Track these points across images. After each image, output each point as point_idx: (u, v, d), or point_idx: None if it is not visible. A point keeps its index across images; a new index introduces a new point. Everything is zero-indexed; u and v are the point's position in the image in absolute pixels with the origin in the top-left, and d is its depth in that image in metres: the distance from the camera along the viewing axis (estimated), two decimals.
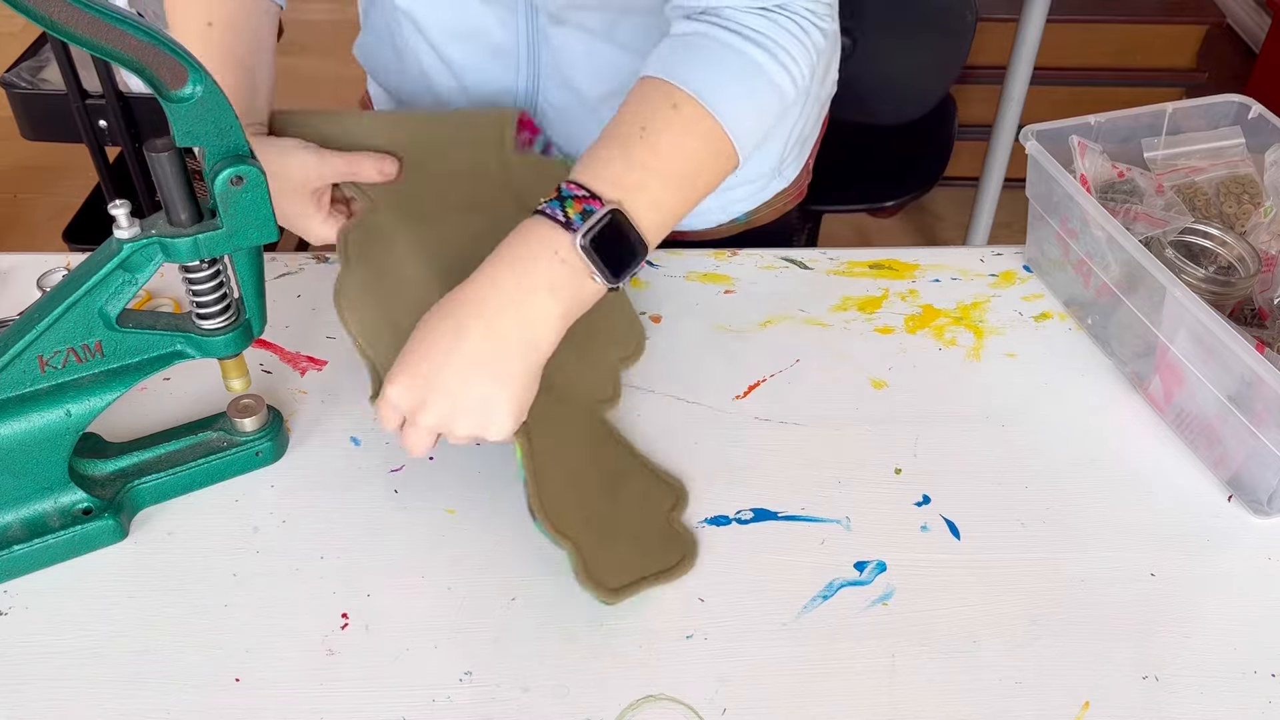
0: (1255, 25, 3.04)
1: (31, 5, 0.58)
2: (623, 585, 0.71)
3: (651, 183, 0.71)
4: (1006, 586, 0.75)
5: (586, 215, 0.69)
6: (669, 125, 0.72)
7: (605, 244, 0.69)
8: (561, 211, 0.69)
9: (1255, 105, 0.99)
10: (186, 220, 0.69)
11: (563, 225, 0.69)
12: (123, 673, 0.69)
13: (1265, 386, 0.74)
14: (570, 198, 0.69)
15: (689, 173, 0.73)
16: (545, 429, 0.77)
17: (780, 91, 0.75)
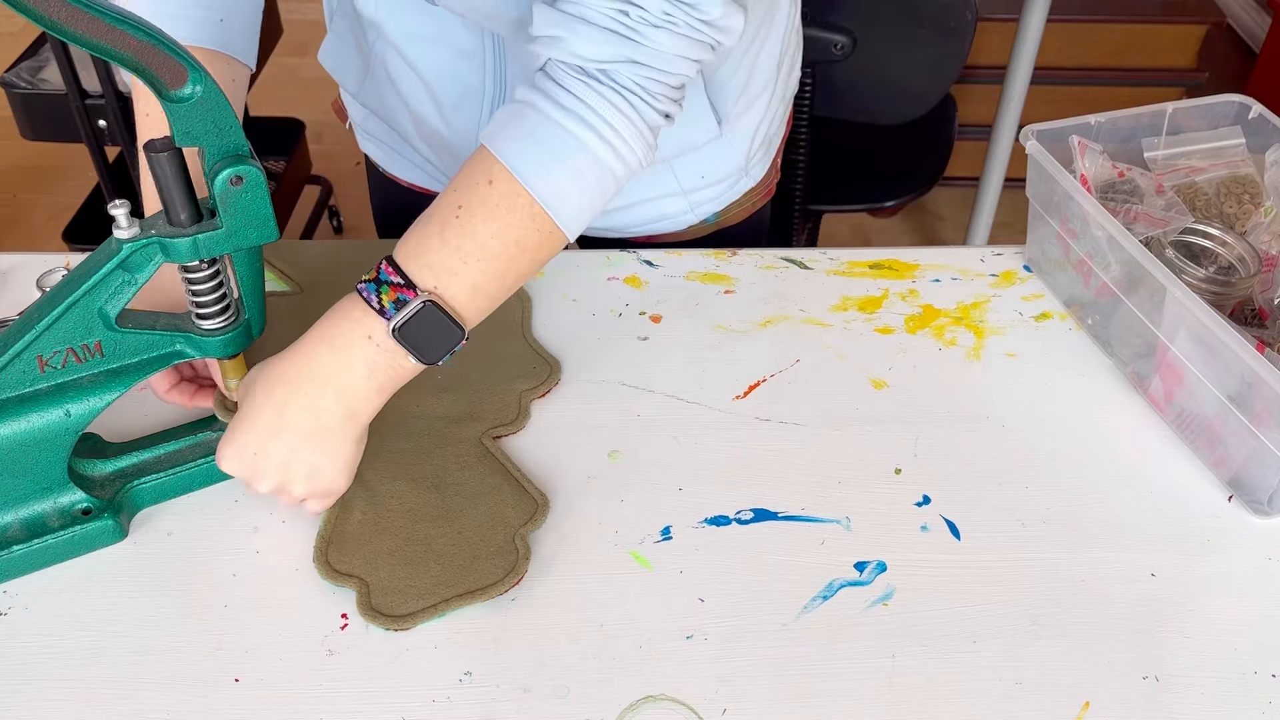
0: (1255, 25, 3.04)
1: (31, 5, 0.58)
2: (412, 612, 0.71)
3: (468, 268, 0.70)
4: (1006, 586, 0.75)
5: (400, 304, 0.69)
6: (483, 205, 0.70)
7: (419, 330, 0.70)
8: (376, 298, 0.70)
9: (1255, 105, 0.99)
10: (186, 220, 0.69)
11: (376, 311, 0.70)
12: (123, 673, 0.69)
13: (1265, 386, 0.74)
14: (386, 283, 0.70)
15: (507, 255, 0.71)
16: (376, 469, 0.79)
17: (607, 169, 0.71)
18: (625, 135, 0.70)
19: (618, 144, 0.70)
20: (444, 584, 0.73)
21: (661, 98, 0.71)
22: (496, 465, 0.80)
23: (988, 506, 0.80)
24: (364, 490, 0.78)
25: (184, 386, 0.81)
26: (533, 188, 0.70)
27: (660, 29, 0.69)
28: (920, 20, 1.48)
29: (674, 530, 0.78)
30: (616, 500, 0.80)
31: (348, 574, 0.73)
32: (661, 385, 0.88)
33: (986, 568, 0.76)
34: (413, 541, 0.75)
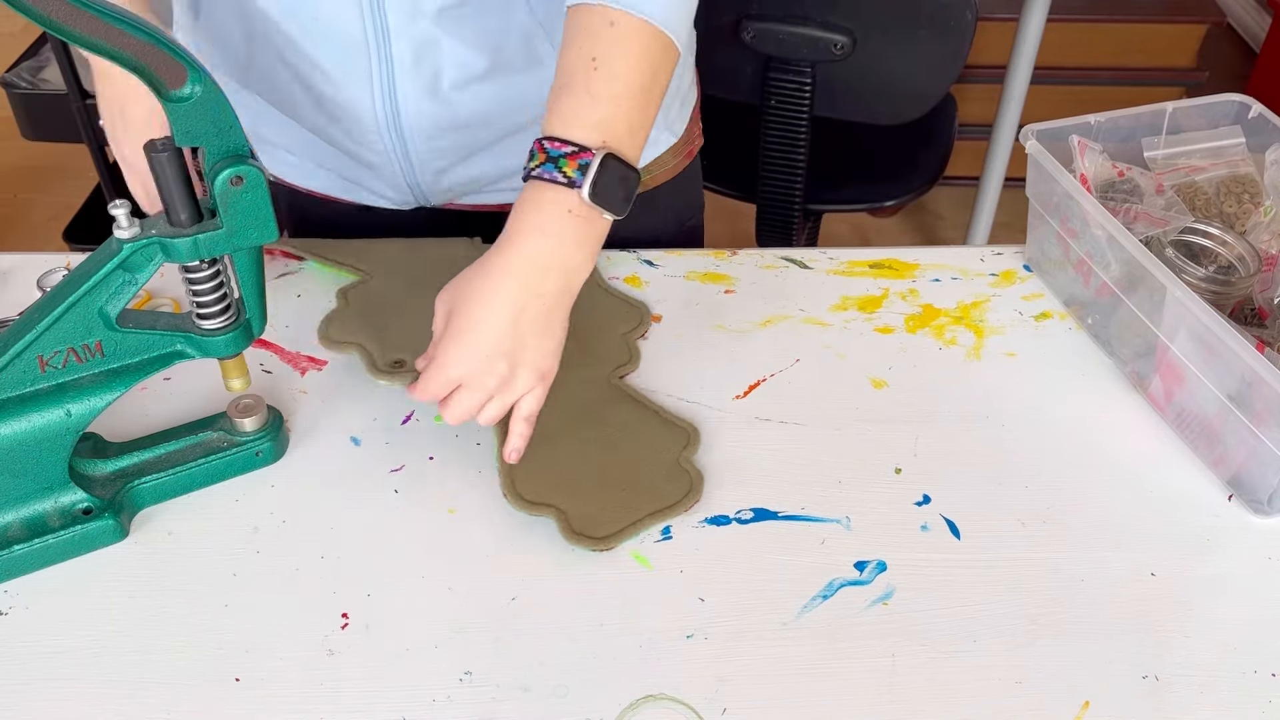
0: (1255, 25, 3.04)
1: (31, 5, 0.58)
2: (614, 532, 0.76)
3: (621, 111, 0.75)
4: (1006, 586, 0.75)
5: (583, 169, 0.73)
6: (614, 45, 0.75)
7: (607, 185, 0.74)
8: (560, 172, 0.74)
9: (1255, 105, 0.99)
10: (186, 220, 0.69)
11: (565, 185, 0.74)
12: (123, 673, 0.69)
13: (1265, 386, 0.74)
14: (561, 156, 0.74)
15: (647, 85, 0.77)
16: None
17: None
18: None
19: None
20: (632, 507, 0.77)
21: None
22: (635, 402, 0.86)
23: (988, 506, 0.80)
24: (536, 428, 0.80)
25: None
26: (648, 13, 0.75)
27: None
28: (920, 20, 1.48)
29: (674, 530, 0.78)
30: None
31: (543, 504, 0.77)
32: (662, 385, 0.88)
33: (987, 567, 0.76)
34: (590, 472, 0.80)
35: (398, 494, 0.80)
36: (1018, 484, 0.82)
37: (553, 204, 0.75)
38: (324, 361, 0.90)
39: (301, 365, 0.90)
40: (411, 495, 0.80)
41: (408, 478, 0.81)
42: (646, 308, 0.95)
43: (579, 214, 0.75)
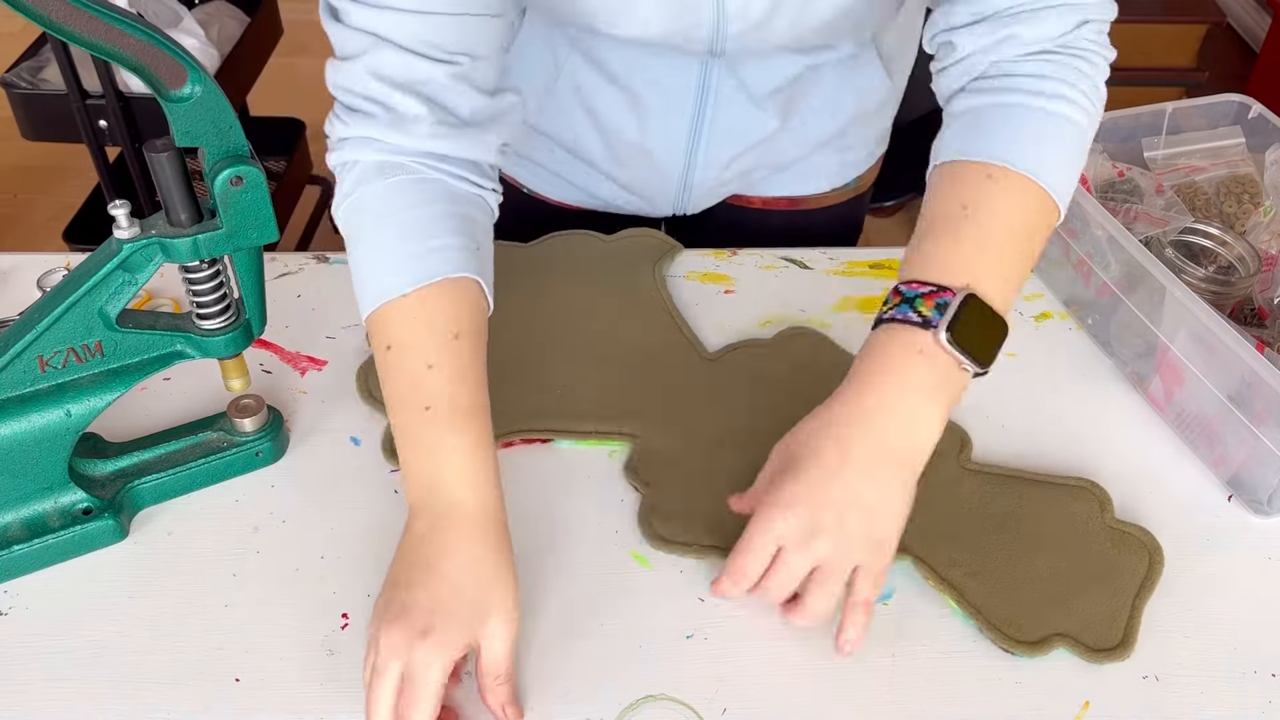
0: (1255, 25, 3.04)
1: (31, 5, 0.58)
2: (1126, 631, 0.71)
3: (989, 255, 0.68)
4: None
5: (941, 308, 0.65)
6: (989, 196, 0.69)
7: (968, 328, 0.66)
8: (914, 312, 0.66)
9: (1255, 105, 0.99)
10: (186, 220, 0.69)
11: (919, 325, 0.66)
12: (123, 673, 0.69)
13: (1265, 386, 0.74)
14: (917, 297, 0.66)
15: (1020, 237, 0.69)
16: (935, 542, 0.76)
17: (1076, 127, 0.71)
18: (1091, 96, 0.72)
19: (1081, 101, 0.71)
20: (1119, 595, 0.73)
21: (1105, 48, 0.73)
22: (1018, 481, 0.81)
23: None
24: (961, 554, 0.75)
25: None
26: (1027, 169, 0.69)
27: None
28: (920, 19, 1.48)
29: None
30: (616, 500, 0.80)
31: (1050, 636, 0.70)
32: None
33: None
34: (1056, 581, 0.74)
35: (398, 494, 0.80)
36: None
37: (903, 347, 0.66)
38: (324, 361, 0.90)
39: (301, 365, 0.90)
40: None
41: None
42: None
43: (932, 358, 0.66)
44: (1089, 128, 0.72)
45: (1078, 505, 0.79)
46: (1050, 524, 0.77)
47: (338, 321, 0.94)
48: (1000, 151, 0.70)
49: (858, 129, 1.02)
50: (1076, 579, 0.74)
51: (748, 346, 0.91)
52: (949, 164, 0.72)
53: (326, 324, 0.94)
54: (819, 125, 0.99)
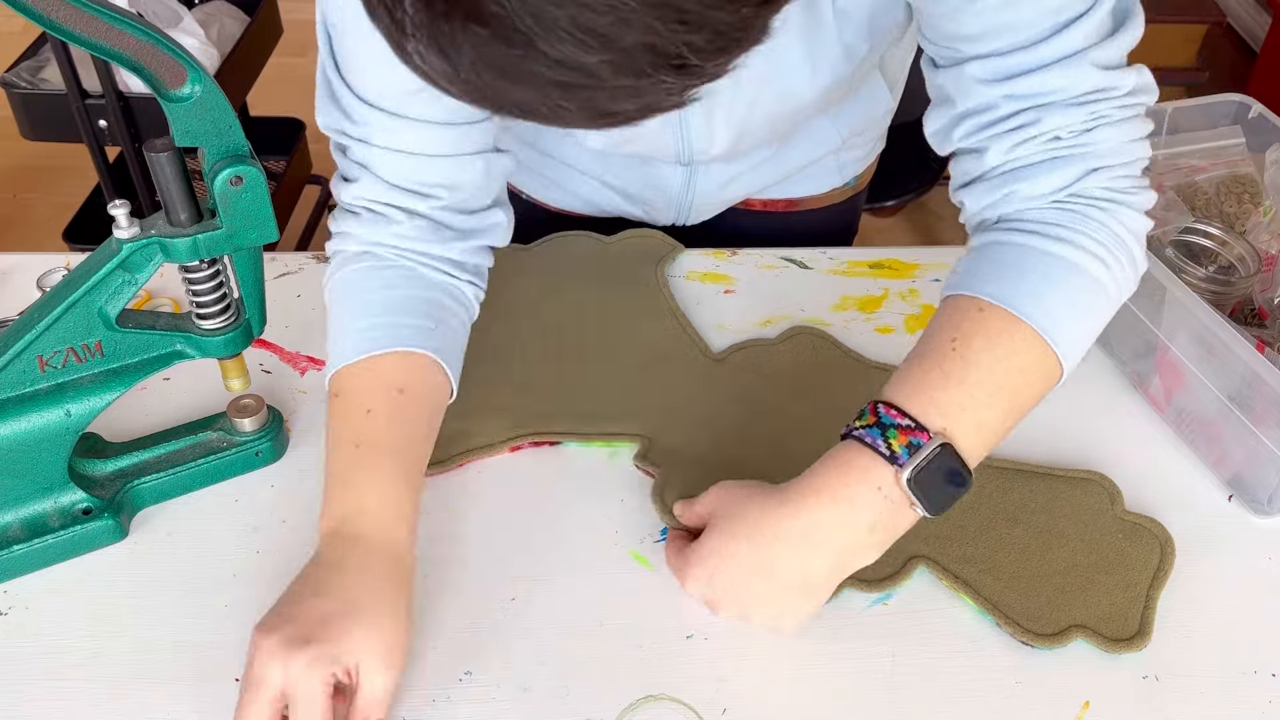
0: (1255, 24, 3.04)
1: (31, 5, 0.58)
2: (1143, 621, 0.71)
3: (972, 401, 0.66)
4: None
5: (913, 449, 0.64)
6: (979, 332, 0.67)
7: (931, 477, 0.64)
8: (884, 443, 0.64)
9: (1255, 104, 0.99)
10: (186, 220, 0.69)
11: (885, 459, 0.64)
12: (123, 673, 0.69)
13: (1265, 386, 0.74)
14: (893, 427, 0.65)
15: (1010, 385, 0.67)
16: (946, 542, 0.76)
17: (1093, 280, 0.68)
18: (1109, 245, 0.68)
19: (1103, 254, 0.67)
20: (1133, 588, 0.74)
21: (1131, 193, 0.69)
22: (1026, 475, 0.81)
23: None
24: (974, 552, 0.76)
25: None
26: (1023, 312, 0.66)
27: (1095, 129, 0.68)
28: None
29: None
30: (616, 500, 0.80)
31: (1069, 628, 0.71)
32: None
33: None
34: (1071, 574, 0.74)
35: None
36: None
37: (862, 473, 0.65)
38: (324, 361, 0.90)
39: (301, 365, 0.90)
40: None
41: None
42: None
43: (888, 496, 0.65)
44: (1106, 279, 0.68)
45: (1088, 498, 0.79)
46: (1061, 517, 0.78)
47: None
48: (993, 289, 0.68)
49: (860, 134, 1.03)
50: (1090, 571, 0.74)
51: (752, 346, 0.91)
52: (949, 297, 0.70)
53: (326, 324, 0.93)
54: (822, 142, 1.00)
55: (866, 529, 0.65)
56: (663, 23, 0.41)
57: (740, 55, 0.46)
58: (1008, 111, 0.68)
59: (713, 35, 0.43)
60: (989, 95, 0.68)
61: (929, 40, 0.71)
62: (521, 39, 0.41)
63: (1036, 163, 0.69)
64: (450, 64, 0.43)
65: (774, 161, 0.99)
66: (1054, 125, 0.67)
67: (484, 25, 0.41)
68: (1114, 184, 0.69)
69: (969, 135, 0.71)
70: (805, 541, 0.66)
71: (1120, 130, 0.69)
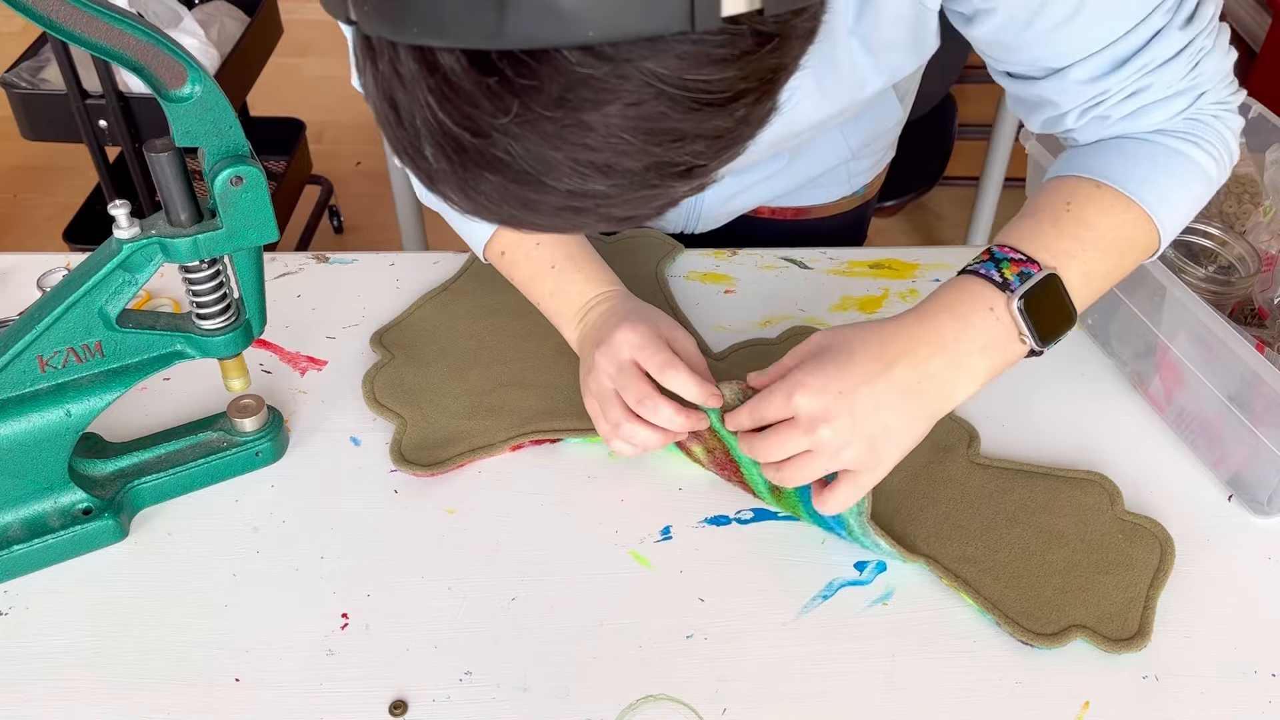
0: (1255, 25, 3.04)
1: (31, 5, 0.58)
2: (1142, 621, 0.72)
3: (1083, 252, 0.70)
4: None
5: (1024, 278, 0.68)
6: (1093, 200, 0.71)
7: (1038, 307, 0.68)
8: (998, 272, 0.68)
9: (1255, 105, 0.99)
10: (186, 220, 0.69)
11: (998, 285, 0.68)
12: (123, 673, 0.69)
13: (1265, 386, 0.74)
14: (1005, 260, 0.69)
15: (1118, 248, 0.71)
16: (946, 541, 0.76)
17: (1202, 170, 0.73)
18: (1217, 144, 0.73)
19: (1214, 151, 0.73)
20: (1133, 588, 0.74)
21: (1232, 100, 0.75)
22: (1027, 475, 0.82)
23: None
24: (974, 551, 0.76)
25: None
26: (1137, 194, 0.71)
27: (1197, 67, 0.71)
28: None
29: (674, 530, 0.78)
30: (616, 500, 0.80)
31: (1069, 627, 0.71)
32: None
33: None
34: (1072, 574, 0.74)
35: (397, 494, 0.80)
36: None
37: (976, 296, 0.68)
38: (324, 362, 0.91)
39: (301, 365, 0.90)
40: (411, 495, 0.80)
41: (408, 478, 0.81)
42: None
43: (999, 319, 0.68)
44: (1215, 173, 0.73)
45: (1088, 498, 0.79)
46: (1061, 517, 0.78)
47: (338, 321, 0.94)
48: (1112, 173, 0.72)
49: (869, 146, 1.04)
50: (1090, 571, 0.74)
51: (753, 345, 0.91)
52: (1061, 176, 0.73)
53: (326, 324, 0.94)
54: (832, 154, 1.01)
55: (979, 347, 0.68)
56: (661, 145, 0.44)
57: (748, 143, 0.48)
58: (1122, 93, 0.71)
59: (713, 140, 0.45)
60: (1098, 89, 0.71)
61: (1012, 63, 0.74)
62: (531, 179, 0.45)
63: (1146, 105, 0.72)
64: (474, 202, 0.47)
65: (783, 175, 0.99)
66: (1165, 81, 0.71)
67: (495, 172, 0.45)
68: (1221, 100, 0.74)
69: (1084, 115, 0.73)
70: (925, 343, 0.68)
71: (1217, 60, 0.72)
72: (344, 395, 0.87)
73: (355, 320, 0.94)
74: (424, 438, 0.83)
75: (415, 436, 0.82)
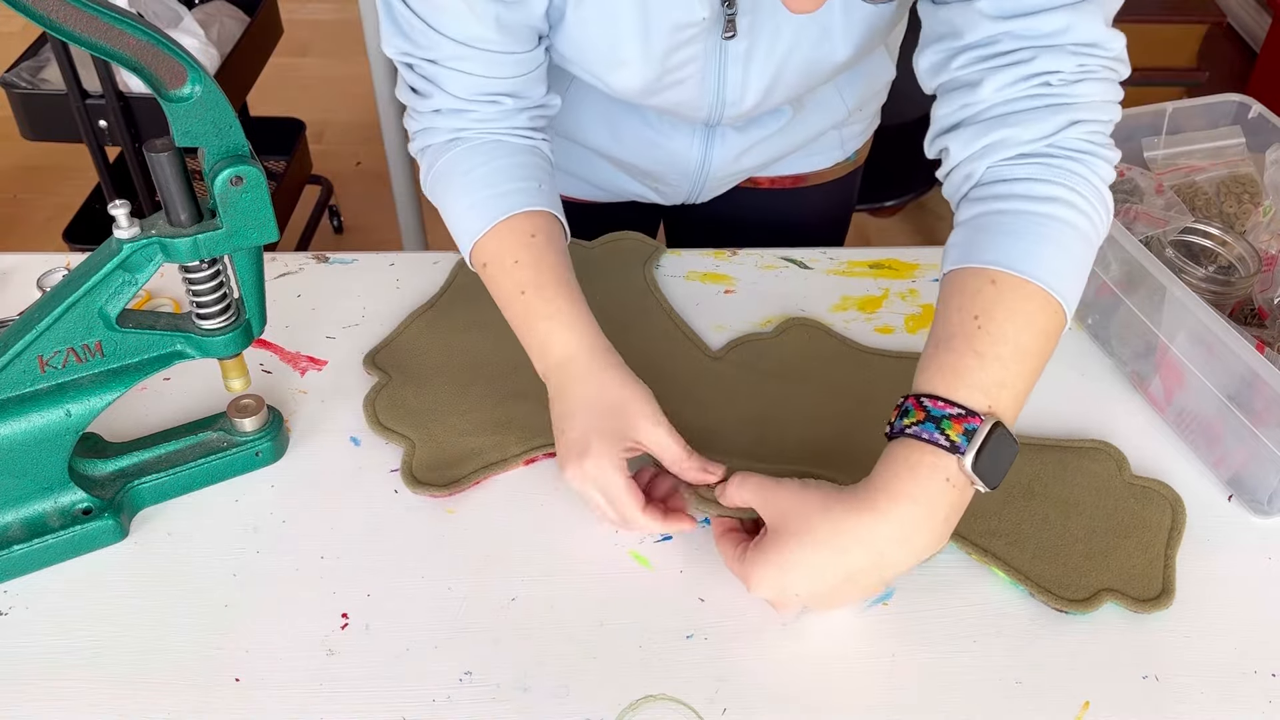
0: (1255, 25, 3.04)
1: (31, 5, 0.58)
2: (1166, 580, 0.74)
3: (1010, 375, 0.68)
4: (1006, 585, 0.75)
5: (969, 434, 0.65)
6: (998, 305, 0.69)
7: (990, 457, 0.66)
8: (942, 435, 0.66)
9: (1255, 105, 0.99)
10: (186, 220, 0.69)
11: (946, 449, 0.66)
12: (123, 673, 0.69)
13: (1265, 386, 0.74)
14: (946, 418, 0.66)
15: (1035, 349, 0.69)
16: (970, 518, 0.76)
17: (1074, 230, 0.70)
18: (1090, 196, 0.71)
19: (1086, 207, 0.70)
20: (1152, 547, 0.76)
21: (1104, 148, 0.73)
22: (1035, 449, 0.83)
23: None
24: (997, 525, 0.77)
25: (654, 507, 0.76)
26: (1034, 276, 0.69)
27: (1082, 82, 0.71)
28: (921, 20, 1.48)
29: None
30: None
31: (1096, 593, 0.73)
32: None
33: (986, 567, 0.76)
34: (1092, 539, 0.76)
35: (397, 494, 0.80)
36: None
37: (930, 470, 0.66)
38: (324, 361, 0.91)
39: (301, 365, 0.90)
40: (411, 495, 0.80)
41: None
42: None
43: (955, 484, 0.66)
44: (1090, 230, 0.71)
45: (1096, 465, 0.82)
46: (1074, 487, 0.80)
47: (338, 321, 0.94)
48: (998, 258, 0.70)
49: (862, 109, 1.05)
50: (1110, 536, 0.76)
51: (749, 341, 0.92)
52: (955, 271, 0.72)
53: (326, 324, 0.94)
54: (830, 112, 1.02)
55: (943, 521, 0.67)
56: None
57: None
58: (1008, 47, 0.71)
59: None
60: (993, 29, 0.71)
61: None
62: None
63: (1024, 109, 0.72)
64: None
65: (786, 133, 1.00)
66: (1047, 66, 0.70)
67: None
68: (1090, 137, 0.72)
69: (966, 66, 0.73)
70: (890, 545, 0.66)
71: (1103, 88, 0.73)
72: (344, 395, 0.87)
73: (355, 320, 0.94)
74: (434, 458, 0.81)
75: (425, 457, 0.81)
